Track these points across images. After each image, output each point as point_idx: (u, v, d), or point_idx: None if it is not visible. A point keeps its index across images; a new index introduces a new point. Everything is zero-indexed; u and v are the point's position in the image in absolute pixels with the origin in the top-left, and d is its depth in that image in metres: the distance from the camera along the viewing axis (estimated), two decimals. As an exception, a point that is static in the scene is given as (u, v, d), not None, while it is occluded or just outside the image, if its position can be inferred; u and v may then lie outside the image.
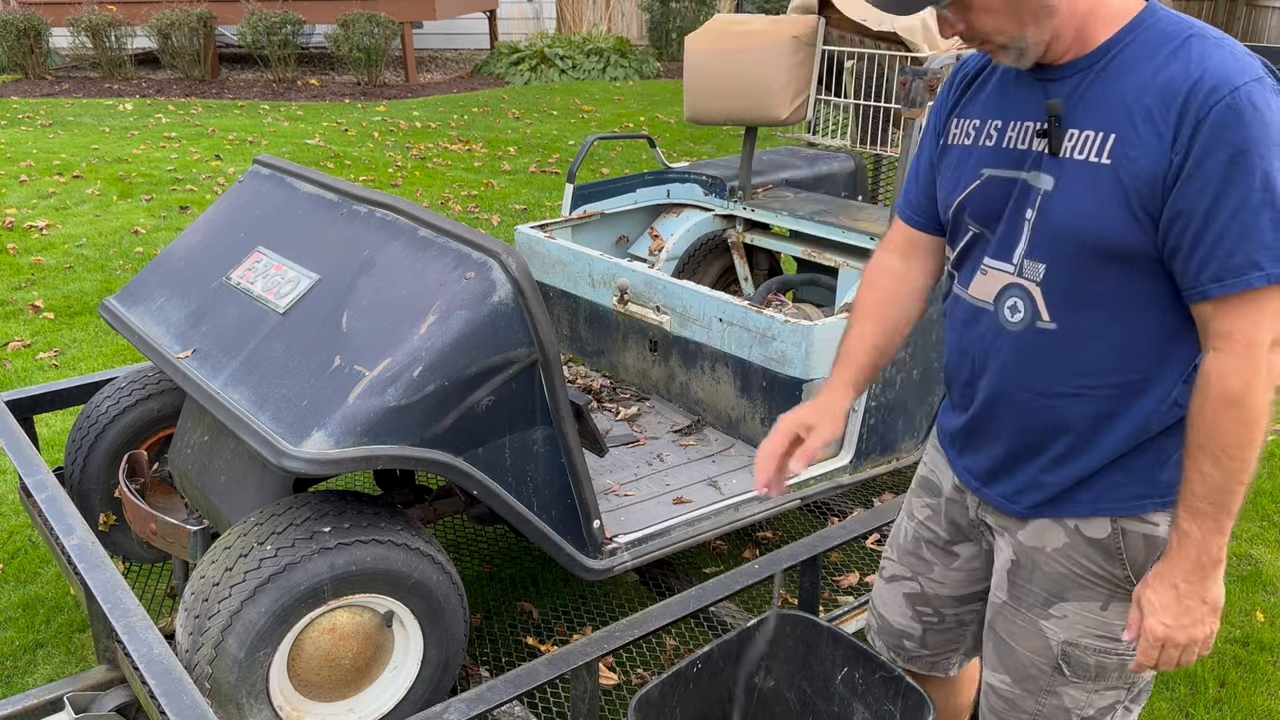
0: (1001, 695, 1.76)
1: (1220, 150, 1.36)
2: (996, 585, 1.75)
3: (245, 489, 2.41)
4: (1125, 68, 1.46)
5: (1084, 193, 1.47)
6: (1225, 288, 1.38)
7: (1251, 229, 1.36)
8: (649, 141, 3.99)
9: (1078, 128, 1.49)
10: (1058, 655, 1.68)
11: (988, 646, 1.78)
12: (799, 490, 2.83)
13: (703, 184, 3.89)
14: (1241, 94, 1.36)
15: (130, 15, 12.46)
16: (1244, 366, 1.39)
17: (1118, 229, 1.44)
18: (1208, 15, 15.08)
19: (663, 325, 3.09)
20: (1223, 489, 1.44)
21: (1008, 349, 1.60)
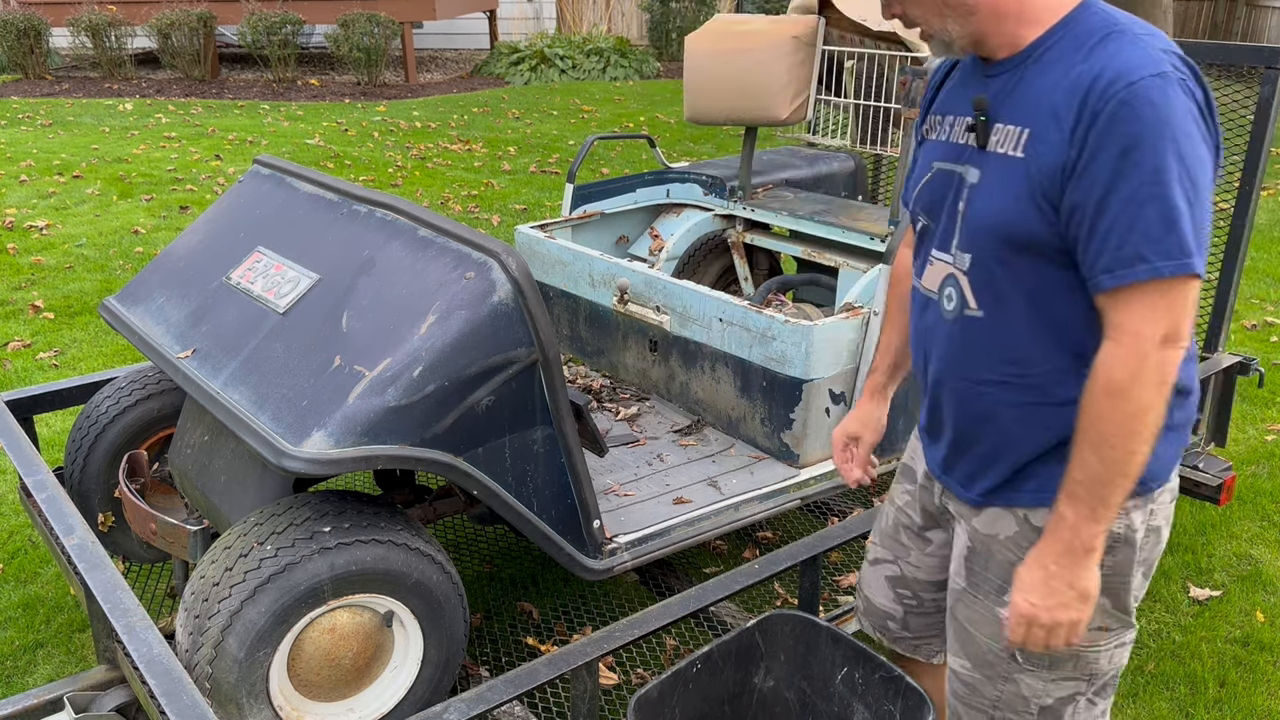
0: (963, 680, 1.79)
1: (1113, 144, 1.38)
2: (955, 571, 1.78)
3: (245, 489, 2.41)
4: (1048, 65, 1.50)
5: (1000, 186, 1.52)
6: (1114, 279, 1.41)
7: (1138, 222, 1.38)
8: (649, 141, 3.99)
9: (1002, 122, 1.53)
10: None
11: (950, 631, 1.81)
12: (799, 490, 2.83)
13: (703, 184, 3.89)
14: (1138, 88, 1.37)
15: (130, 15, 12.46)
16: (1129, 358, 1.41)
17: (1025, 221, 1.48)
18: (1208, 15, 15.08)
19: (663, 325, 3.09)
20: (1101, 479, 1.45)
21: (945, 337, 1.66)
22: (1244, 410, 4.42)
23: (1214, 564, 3.36)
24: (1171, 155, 1.37)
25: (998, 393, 1.60)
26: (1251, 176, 3.18)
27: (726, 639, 1.91)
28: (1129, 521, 1.61)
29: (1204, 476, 3.20)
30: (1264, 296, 5.82)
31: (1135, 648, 2.96)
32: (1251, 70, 3.11)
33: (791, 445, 2.86)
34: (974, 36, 1.54)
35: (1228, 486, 3.19)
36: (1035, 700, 1.71)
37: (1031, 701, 1.72)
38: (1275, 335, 5.25)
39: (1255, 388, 4.52)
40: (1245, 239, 3.25)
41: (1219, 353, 3.40)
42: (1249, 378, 3.43)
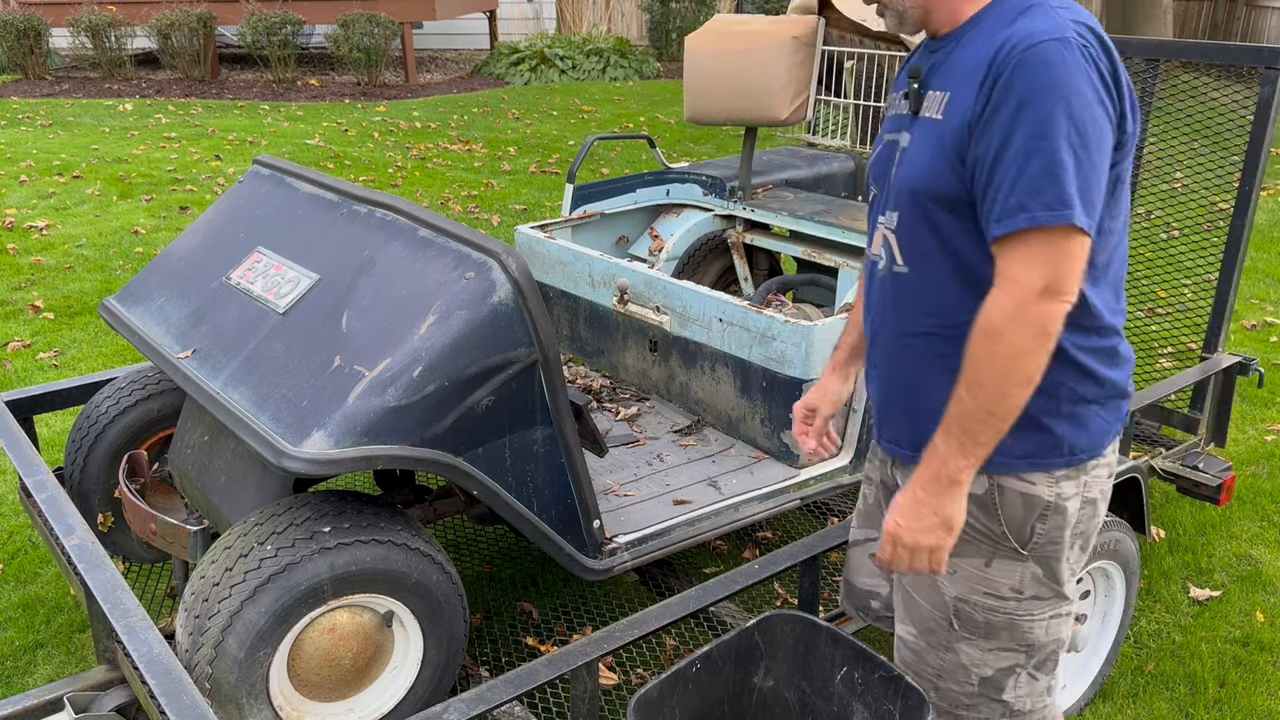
0: (910, 647, 1.84)
1: (1010, 100, 1.46)
2: None
3: (245, 489, 2.41)
4: (975, 36, 1.59)
5: (923, 147, 1.62)
6: (1000, 228, 1.49)
7: (1024, 174, 1.45)
8: (649, 141, 3.99)
9: (932, 90, 1.63)
10: (950, 610, 1.75)
11: (897, 599, 1.87)
12: (799, 490, 2.83)
13: (703, 184, 3.89)
14: (1037, 49, 1.46)
15: (130, 15, 12.46)
16: (1007, 303, 1.48)
17: (940, 177, 1.58)
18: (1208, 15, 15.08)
19: (663, 325, 3.09)
20: (971, 416, 1.52)
21: (879, 293, 1.76)
22: (1244, 410, 4.42)
23: (1214, 564, 3.36)
24: (1061, 112, 1.44)
25: (923, 345, 1.68)
26: (1251, 176, 3.18)
27: (726, 639, 1.91)
28: (1059, 490, 1.66)
29: (1204, 476, 3.20)
30: (1264, 296, 5.82)
31: (1135, 648, 2.96)
32: (1251, 70, 3.11)
33: (791, 445, 2.86)
34: (923, 7, 1.65)
35: (1228, 486, 3.19)
36: (975, 670, 1.77)
37: (971, 671, 1.77)
38: (1275, 335, 5.25)
39: (1255, 388, 4.52)
40: (1245, 239, 3.25)
41: (1219, 353, 3.40)
42: (1249, 378, 3.43)
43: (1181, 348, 3.83)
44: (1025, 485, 1.66)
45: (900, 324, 1.70)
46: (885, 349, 1.75)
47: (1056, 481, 1.66)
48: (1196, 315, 3.56)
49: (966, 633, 1.75)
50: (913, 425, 1.74)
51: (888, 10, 1.69)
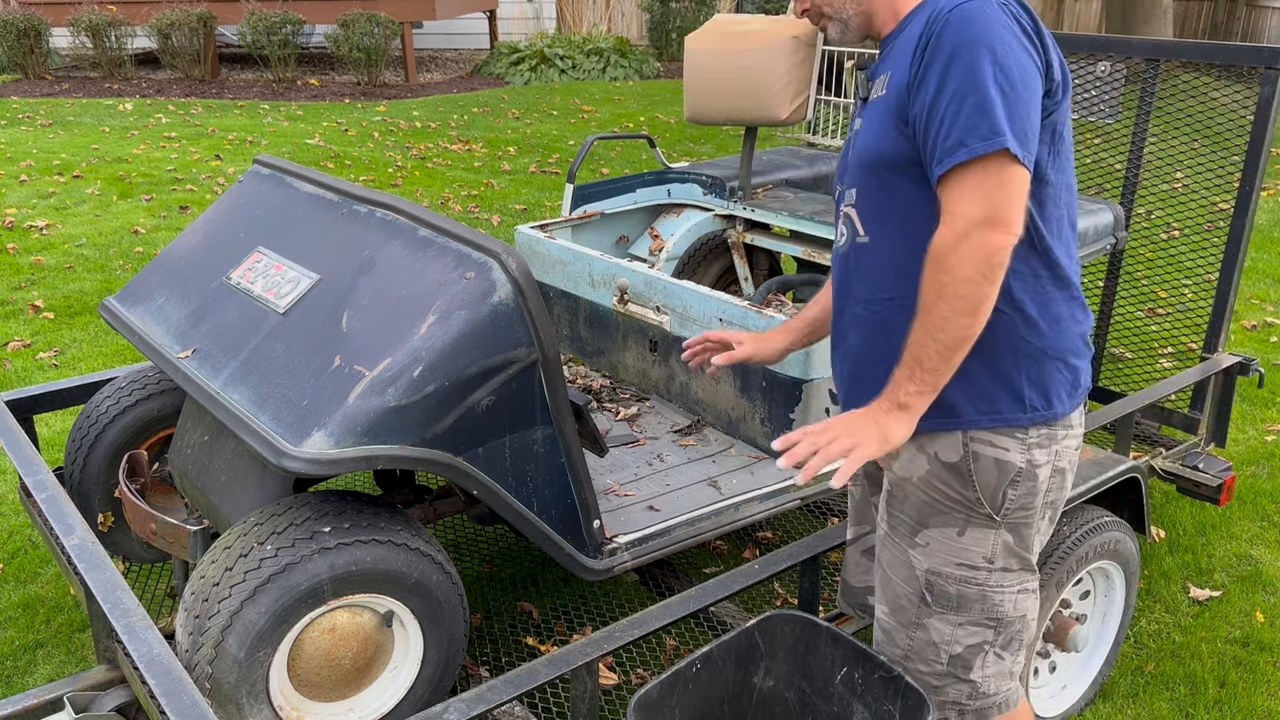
0: (882, 628, 1.89)
1: (940, 56, 1.57)
2: (880, 517, 1.88)
3: (245, 489, 2.41)
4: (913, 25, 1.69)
5: (872, 122, 1.72)
6: (942, 166, 1.57)
7: (960, 115, 1.55)
8: (649, 141, 3.99)
9: (876, 77, 1.74)
10: (922, 584, 1.79)
11: (875, 578, 1.91)
12: (799, 490, 2.83)
13: (703, 184, 3.89)
14: (960, 10, 1.58)
15: (130, 15, 12.46)
16: (950, 234, 1.56)
17: (886, 140, 1.67)
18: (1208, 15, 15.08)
19: (663, 325, 3.09)
20: (918, 342, 1.59)
21: (844, 269, 1.83)
22: (1244, 410, 4.42)
23: (1214, 564, 3.36)
24: (985, 58, 1.55)
25: (887, 310, 1.74)
26: (1251, 176, 3.18)
27: (726, 639, 1.91)
28: (1031, 457, 1.72)
29: (1204, 476, 3.20)
30: (1264, 296, 5.82)
31: (1135, 648, 2.96)
32: (1251, 70, 3.11)
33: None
34: (866, 13, 1.76)
35: (1228, 486, 3.19)
36: (944, 647, 1.80)
37: (941, 648, 1.81)
38: (1275, 335, 5.25)
39: (1255, 388, 4.52)
40: (1245, 239, 3.26)
41: (1219, 353, 3.40)
42: (1249, 378, 3.43)
43: (1181, 348, 3.83)
44: (999, 451, 1.71)
45: (863, 291, 1.77)
46: (852, 319, 1.81)
47: (1029, 448, 1.72)
48: (1197, 315, 3.56)
49: (939, 607, 1.79)
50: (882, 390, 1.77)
51: (830, 21, 1.79)
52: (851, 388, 1.86)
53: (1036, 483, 1.74)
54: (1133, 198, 3.51)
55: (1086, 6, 15.57)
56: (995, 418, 1.71)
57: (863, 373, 1.82)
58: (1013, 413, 1.71)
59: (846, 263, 1.82)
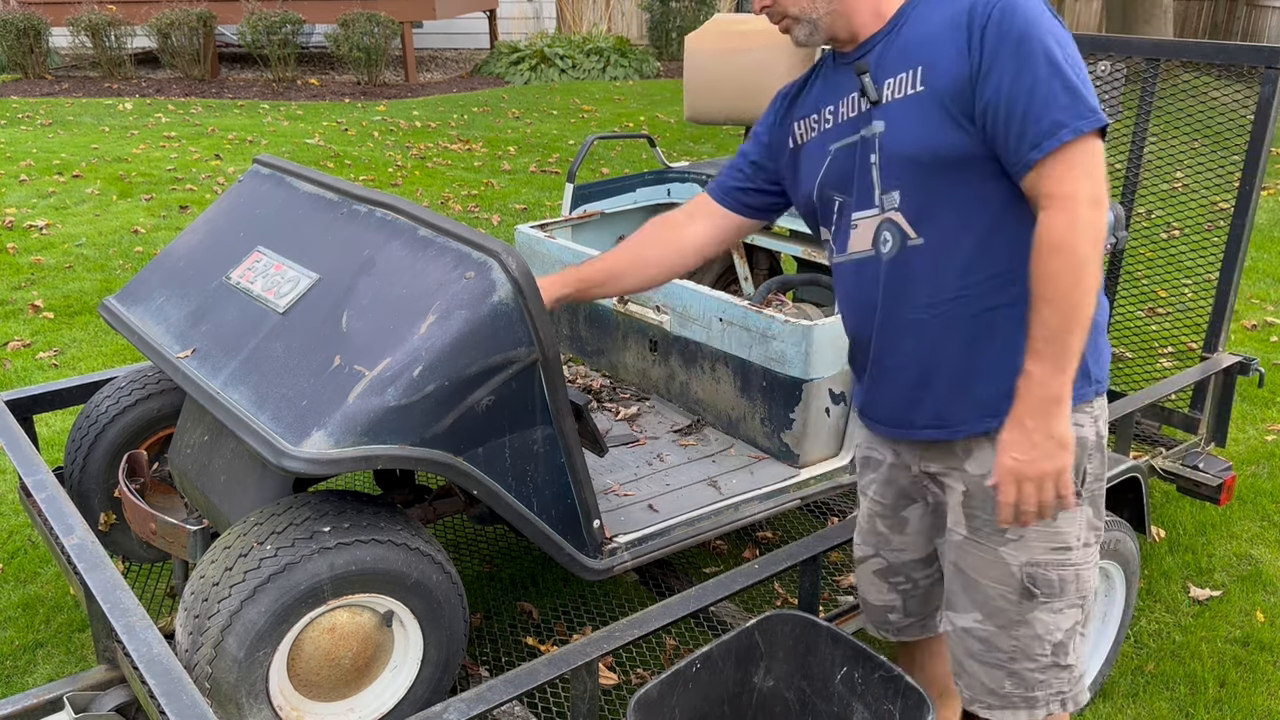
0: (976, 636, 1.83)
1: (1006, 42, 1.56)
2: (954, 523, 1.83)
3: (245, 489, 2.41)
4: (916, 21, 1.67)
5: (910, 119, 1.66)
6: (1040, 150, 1.56)
7: (1050, 97, 1.55)
8: (649, 141, 3.99)
9: (891, 75, 1.68)
10: (1022, 579, 1.76)
11: (954, 588, 1.86)
12: (799, 490, 2.83)
13: (703, 184, 3.89)
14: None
15: (130, 15, 12.46)
16: (1064, 217, 1.55)
17: (945, 137, 1.63)
18: (1208, 15, 15.08)
19: (663, 325, 3.09)
20: (1060, 330, 1.57)
21: (889, 276, 1.75)
22: (1244, 410, 4.42)
23: (1214, 564, 3.36)
24: (1051, 40, 1.56)
25: (952, 310, 1.70)
26: (1251, 176, 3.18)
27: (726, 639, 1.91)
28: (1098, 429, 1.76)
29: (1204, 476, 3.20)
30: (1264, 296, 5.82)
31: (1135, 648, 2.96)
32: (1251, 70, 3.11)
33: (791, 445, 2.86)
34: (839, 14, 1.71)
35: (1228, 486, 3.19)
36: (1048, 638, 1.78)
37: (1045, 640, 1.78)
38: (1275, 335, 5.25)
39: (1255, 388, 4.52)
40: (1245, 239, 3.25)
41: (1219, 353, 3.40)
42: (1249, 378, 3.43)
43: (1182, 347, 3.83)
44: (1076, 428, 1.69)
45: (923, 295, 1.72)
46: (906, 326, 1.75)
47: (1095, 421, 1.75)
48: (1197, 315, 3.56)
49: (1045, 596, 1.76)
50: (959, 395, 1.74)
51: (798, 23, 1.74)
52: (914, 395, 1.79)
53: (1103, 453, 1.78)
54: (1133, 197, 3.50)
55: (1086, 6, 15.57)
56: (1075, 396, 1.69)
57: (926, 381, 1.76)
58: (1083, 388, 1.72)
59: (889, 272, 1.75)
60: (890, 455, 1.94)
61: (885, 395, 1.84)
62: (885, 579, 2.05)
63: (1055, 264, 1.55)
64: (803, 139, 1.89)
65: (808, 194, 1.88)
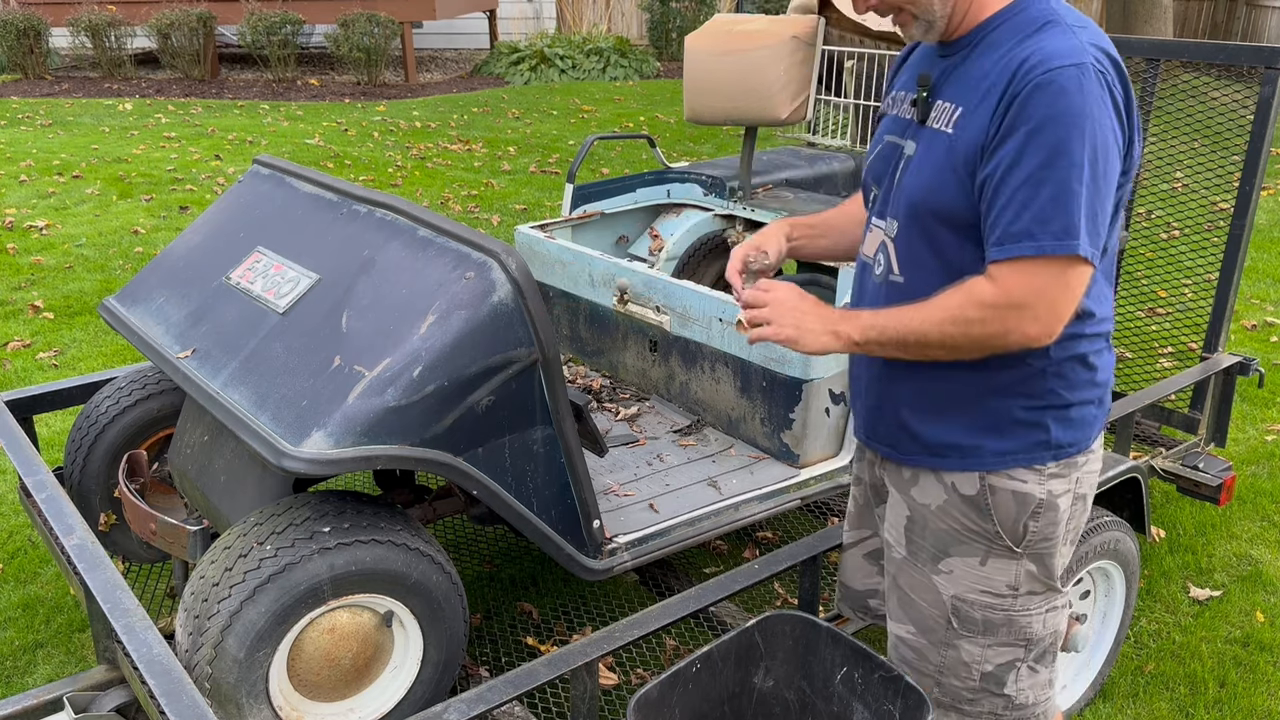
0: (910, 645, 1.85)
1: (1024, 123, 1.45)
2: (895, 540, 1.83)
3: (245, 489, 2.41)
4: (989, 48, 1.57)
5: (929, 159, 1.59)
6: (1003, 252, 1.49)
7: (1033, 200, 1.44)
8: (649, 141, 3.99)
9: (941, 99, 1.61)
10: (949, 609, 1.76)
11: (892, 599, 1.87)
12: (799, 490, 2.83)
13: (703, 184, 3.89)
14: (1055, 74, 1.44)
15: (130, 15, 12.46)
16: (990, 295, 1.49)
17: (945, 192, 1.56)
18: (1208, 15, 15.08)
19: (663, 325, 3.09)
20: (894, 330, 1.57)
21: (874, 300, 1.73)
22: (1244, 410, 4.41)
23: (1214, 564, 3.36)
24: (1076, 141, 1.43)
25: None
26: (1251, 176, 3.18)
27: (726, 639, 1.91)
28: (1050, 487, 1.68)
29: (1204, 476, 3.20)
30: (1264, 296, 5.81)
31: (1135, 648, 2.96)
32: (1251, 70, 3.11)
33: (791, 445, 2.86)
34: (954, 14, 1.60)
35: (1228, 486, 3.19)
36: (976, 666, 1.78)
37: (973, 667, 1.78)
38: (1275, 335, 5.25)
39: (1255, 388, 4.52)
40: (1245, 239, 3.25)
41: (1219, 353, 3.40)
42: (1249, 378, 3.43)
43: (1182, 347, 3.83)
44: (1016, 484, 1.67)
45: None
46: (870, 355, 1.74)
47: (1047, 479, 1.67)
48: (1197, 315, 3.56)
49: (966, 631, 1.76)
50: (904, 434, 1.75)
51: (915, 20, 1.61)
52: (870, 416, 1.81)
53: (1058, 513, 1.69)
54: (1133, 197, 3.51)
55: (1087, 6, 15.56)
56: (1018, 459, 1.65)
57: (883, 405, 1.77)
58: (1037, 453, 1.65)
59: (877, 292, 1.73)
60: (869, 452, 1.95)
61: (859, 399, 1.86)
62: (876, 562, 2.06)
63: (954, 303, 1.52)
64: (884, 111, 1.83)
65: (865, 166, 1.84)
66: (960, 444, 1.67)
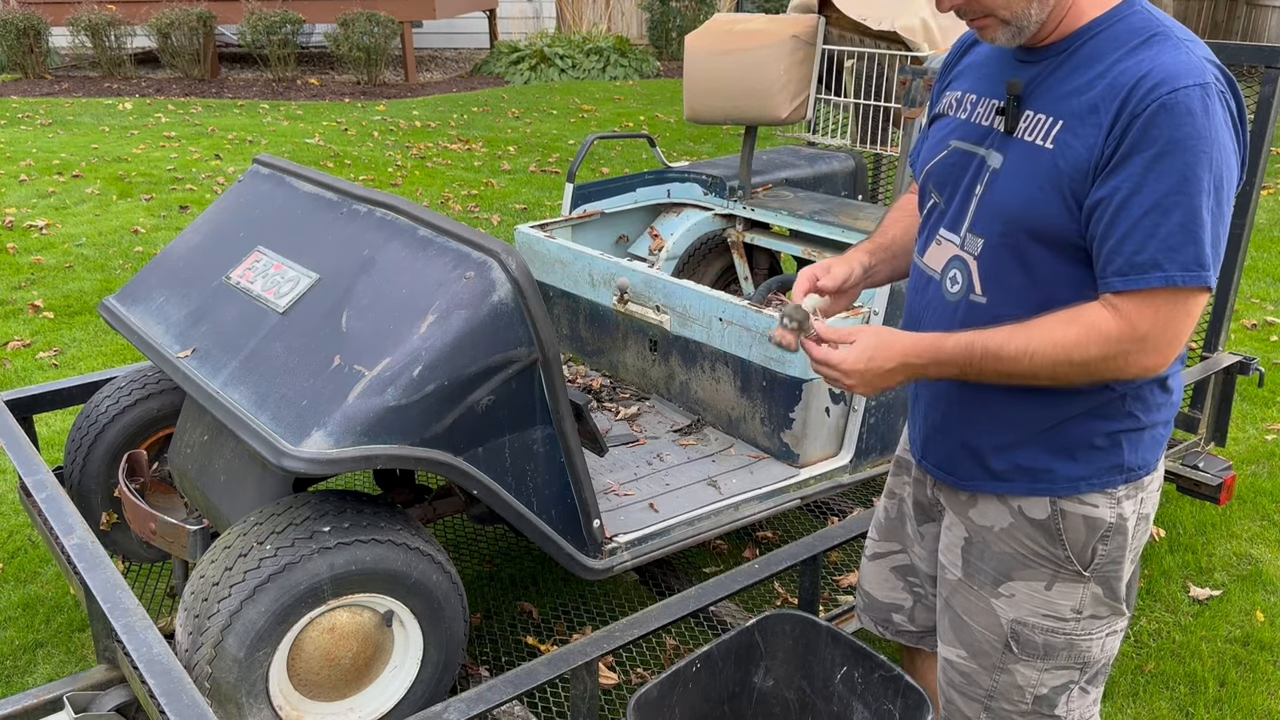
0: (959, 670, 1.79)
1: (1148, 146, 1.37)
2: (950, 562, 1.78)
3: (245, 489, 2.41)
4: (1088, 58, 1.49)
5: (1024, 174, 1.50)
6: (1127, 283, 1.42)
7: (1159, 229, 1.38)
8: (649, 141, 3.99)
9: (1033, 110, 1.52)
10: (1007, 633, 1.71)
11: (944, 622, 1.81)
12: (799, 490, 2.83)
13: (703, 183, 3.89)
14: (1181, 95, 1.37)
15: (130, 15, 12.46)
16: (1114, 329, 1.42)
17: (1048, 212, 1.48)
18: (1208, 15, 15.08)
19: (663, 325, 3.09)
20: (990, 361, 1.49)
21: (944, 318, 1.64)
22: (1244, 410, 4.41)
23: (1214, 564, 3.36)
24: (1204, 166, 1.37)
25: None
26: (1251, 176, 3.18)
27: (726, 639, 1.91)
28: (1121, 510, 1.62)
29: (1204, 476, 3.20)
30: (1264, 296, 5.81)
31: (1135, 647, 2.96)
32: (1251, 70, 3.11)
33: (791, 445, 2.86)
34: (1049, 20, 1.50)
35: (1228, 486, 3.19)
36: (1030, 690, 1.73)
37: (1026, 691, 1.73)
38: (1275, 335, 5.25)
39: (1255, 387, 4.51)
40: (1245, 239, 3.25)
41: (1219, 353, 3.40)
42: (1249, 377, 3.43)
43: (1181, 347, 3.83)
44: (1087, 508, 1.62)
45: None
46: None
47: (1118, 502, 1.62)
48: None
49: (1025, 655, 1.70)
50: (967, 458, 1.68)
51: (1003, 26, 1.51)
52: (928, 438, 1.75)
53: (1126, 536, 1.64)
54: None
55: (1086, 6, 15.53)
56: (1092, 484, 1.61)
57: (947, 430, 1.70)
58: (1109, 476, 1.61)
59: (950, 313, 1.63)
60: (915, 467, 1.89)
61: (916, 418, 1.78)
62: (903, 577, 1.99)
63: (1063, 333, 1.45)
64: (942, 110, 1.71)
65: (919, 172, 1.73)
66: (1031, 468, 1.62)
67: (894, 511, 1.99)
